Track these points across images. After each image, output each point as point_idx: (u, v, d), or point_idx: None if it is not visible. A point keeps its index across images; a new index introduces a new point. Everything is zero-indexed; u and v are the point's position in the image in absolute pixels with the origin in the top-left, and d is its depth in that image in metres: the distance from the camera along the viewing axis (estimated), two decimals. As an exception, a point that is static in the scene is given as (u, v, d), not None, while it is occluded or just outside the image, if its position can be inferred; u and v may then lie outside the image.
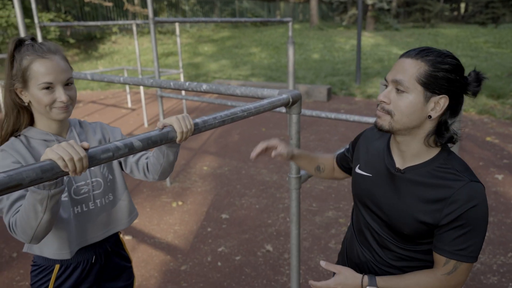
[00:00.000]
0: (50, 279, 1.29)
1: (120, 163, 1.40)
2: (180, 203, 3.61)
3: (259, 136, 5.59)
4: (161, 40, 17.01)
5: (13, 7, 11.47)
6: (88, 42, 15.22)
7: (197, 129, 1.14)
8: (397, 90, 0.99)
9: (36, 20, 4.87)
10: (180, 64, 6.90)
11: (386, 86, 1.05)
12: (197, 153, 4.97)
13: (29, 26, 11.67)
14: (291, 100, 1.49)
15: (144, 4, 17.54)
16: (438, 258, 1.02)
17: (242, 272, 2.61)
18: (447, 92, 0.97)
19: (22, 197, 1.10)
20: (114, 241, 1.43)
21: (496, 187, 3.72)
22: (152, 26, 3.61)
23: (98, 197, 1.31)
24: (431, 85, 0.96)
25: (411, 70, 0.97)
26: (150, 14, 3.61)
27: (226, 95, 1.70)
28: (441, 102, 0.97)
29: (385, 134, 1.17)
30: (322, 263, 1.18)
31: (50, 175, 0.83)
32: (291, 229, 1.69)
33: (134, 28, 6.12)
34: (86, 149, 0.87)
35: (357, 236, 1.23)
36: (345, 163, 1.35)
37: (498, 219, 3.15)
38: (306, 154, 1.39)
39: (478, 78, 0.99)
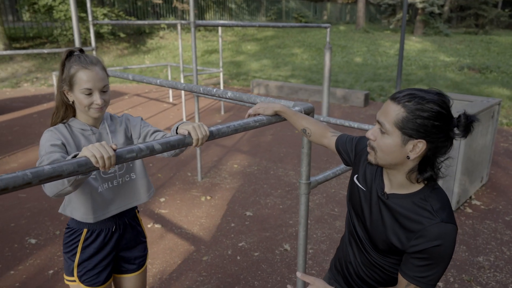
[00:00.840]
0: (79, 240, 1.57)
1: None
2: (208, 197, 3.82)
3: (292, 137, 5.71)
4: (206, 37, 17.44)
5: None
6: (138, 37, 15.88)
7: (211, 136, 1.30)
8: (381, 130, 1.08)
9: (90, 18, 5.26)
10: (221, 64, 7.13)
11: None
12: (230, 150, 5.17)
13: (84, 20, 12.41)
14: (303, 112, 1.62)
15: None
16: (401, 279, 1.13)
17: (259, 267, 2.76)
18: (424, 138, 1.02)
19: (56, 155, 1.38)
20: (132, 216, 1.71)
21: (526, 206, 3.64)
22: (192, 29, 3.83)
23: (121, 176, 1.60)
24: (407, 130, 1.02)
25: (392, 114, 1.04)
26: (191, 18, 3.83)
27: (248, 102, 1.85)
28: (419, 145, 1.03)
29: None
30: (298, 274, 1.35)
31: (84, 169, 1.02)
32: (299, 231, 1.82)
33: (179, 27, 6.41)
34: (114, 150, 1.06)
35: (347, 237, 1.36)
36: (344, 149, 1.40)
37: (522, 238, 3.11)
38: (293, 113, 1.52)
39: (467, 122, 1.02)
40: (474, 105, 3.71)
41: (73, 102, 1.49)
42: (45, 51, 4.86)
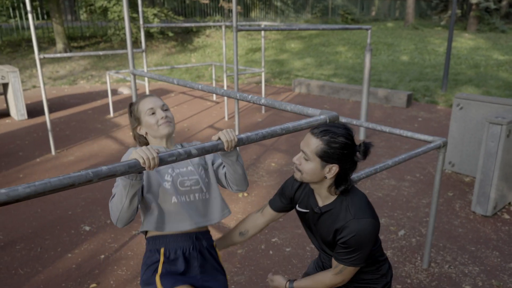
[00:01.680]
0: (159, 260, 1.59)
1: (214, 172, 1.75)
2: (245, 194, 4.02)
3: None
4: (251, 35, 17.69)
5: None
6: (185, 35, 16.42)
7: (241, 142, 1.48)
8: (304, 157, 1.41)
9: (141, 21, 5.62)
10: (263, 63, 7.31)
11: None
12: (268, 149, 5.35)
13: (136, 20, 13.05)
14: (328, 120, 1.76)
15: (238, 0, 18.36)
16: (334, 262, 1.51)
17: (290, 262, 2.93)
18: (337, 162, 1.39)
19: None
20: (210, 244, 1.70)
21: None
22: (234, 33, 4.03)
23: (196, 192, 1.64)
24: (325, 158, 1.39)
25: (312, 145, 1.40)
26: (234, 22, 4.03)
27: (280, 110, 2.01)
28: (333, 168, 1.40)
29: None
30: (270, 275, 1.76)
31: (134, 170, 1.24)
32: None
33: (223, 29, 6.66)
34: (158, 153, 1.27)
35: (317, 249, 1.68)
36: (280, 206, 1.71)
37: (561, 248, 3.05)
38: (224, 236, 1.86)
39: (366, 149, 1.39)
40: (517, 110, 3.64)
41: (145, 134, 1.71)
42: (101, 53, 5.27)
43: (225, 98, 6.80)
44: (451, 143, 4.45)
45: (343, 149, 1.38)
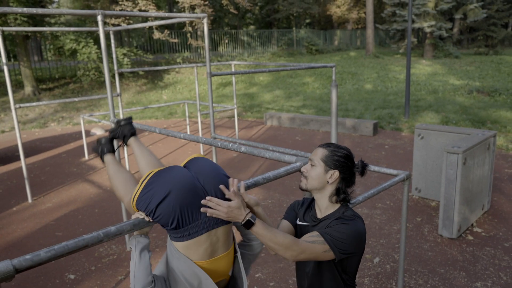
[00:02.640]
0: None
1: None
2: (227, 231, 4.15)
3: (303, 170, 6.03)
4: (220, 69, 18.11)
5: (96, 46, 12.99)
6: (155, 73, 16.63)
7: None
8: (311, 164, 1.64)
9: (115, 67, 5.79)
10: (234, 100, 7.59)
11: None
12: (245, 184, 5.52)
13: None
14: (303, 165, 1.98)
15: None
16: (310, 232, 1.56)
17: (274, 296, 3.06)
18: (338, 169, 1.59)
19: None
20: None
21: (526, 232, 3.86)
22: (209, 79, 4.26)
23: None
24: (328, 163, 1.60)
25: (319, 153, 1.63)
26: (208, 69, 4.27)
27: (259, 156, 2.22)
28: (335, 174, 1.59)
29: (313, 201, 1.76)
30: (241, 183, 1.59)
31: (139, 227, 1.40)
32: (305, 264, 2.15)
33: (195, 70, 6.91)
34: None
35: (302, 270, 1.77)
36: (292, 215, 1.82)
37: (519, 264, 3.33)
38: (264, 218, 1.72)
39: (363, 166, 1.61)
40: (471, 138, 4.00)
41: None
42: (76, 99, 5.38)
43: (200, 134, 6.98)
44: (416, 170, 4.77)
45: (344, 158, 1.59)
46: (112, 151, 2.00)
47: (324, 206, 1.66)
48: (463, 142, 3.83)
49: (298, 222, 1.76)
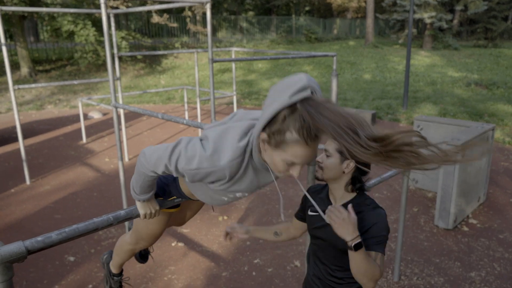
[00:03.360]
0: (166, 198, 1.61)
1: None
2: (225, 217, 4.19)
3: (302, 159, 6.06)
4: (219, 55, 18.00)
5: (94, 29, 12.82)
6: (153, 57, 16.49)
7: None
8: (326, 154, 1.61)
9: (115, 51, 5.74)
10: (234, 87, 7.56)
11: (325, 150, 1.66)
12: (243, 171, 5.55)
13: (103, 42, 13.04)
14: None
15: (205, 23, 18.70)
16: (370, 254, 1.55)
17: (272, 282, 3.11)
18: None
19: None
20: None
21: (520, 225, 3.93)
22: (210, 66, 4.24)
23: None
24: (343, 153, 1.56)
25: (334, 143, 1.58)
26: (210, 55, 4.25)
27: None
28: (351, 164, 1.57)
29: (325, 188, 1.74)
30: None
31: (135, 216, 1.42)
32: (306, 251, 2.18)
33: (195, 55, 6.86)
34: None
35: (310, 258, 1.78)
36: (303, 214, 1.85)
37: (513, 255, 3.40)
38: (260, 228, 1.96)
39: None
40: (470, 131, 4.03)
41: (262, 145, 1.17)
42: (76, 82, 5.33)
43: (199, 119, 6.97)
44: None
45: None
46: None
47: (340, 195, 1.65)
48: (462, 135, 3.86)
49: (309, 213, 1.73)
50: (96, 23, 14.51)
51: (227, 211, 4.33)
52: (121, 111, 6.35)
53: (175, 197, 1.62)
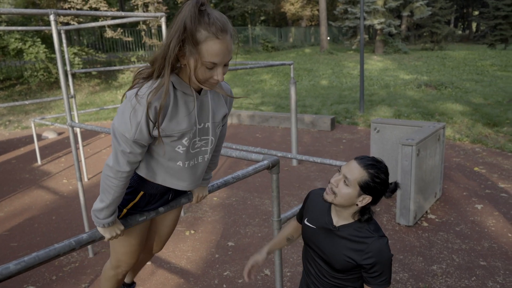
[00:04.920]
0: (134, 199, 1.56)
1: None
2: (192, 231, 4.13)
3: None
4: (177, 68, 17.85)
5: (44, 46, 12.36)
6: (109, 72, 16.11)
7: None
8: (345, 181, 1.52)
9: (68, 68, 5.57)
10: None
11: (339, 171, 1.58)
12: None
13: (54, 59, 12.58)
14: (270, 165, 2.02)
15: (161, 36, 18.51)
16: None
17: (244, 293, 3.10)
18: (371, 194, 1.50)
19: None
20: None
21: (474, 216, 4.15)
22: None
23: (203, 154, 1.51)
24: (364, 189, 1.49)
25: (357, 174, 1.49)
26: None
27: (226, 156, 2.23)
28: (366, 199, 1.51)
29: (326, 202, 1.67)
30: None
31: (98, 239, 1.38)
32: (275, 259, 2.20)
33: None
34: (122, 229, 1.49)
35: (306, 269, 1.73)
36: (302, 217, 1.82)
37: (470, 246, 3.58)
38: (275, 242, 1.88)
39: (395, 188, 1.53)
40: (423, 131, 4.23)
41: (183, 65, 1.29)
42: (27, 102, 5.12)
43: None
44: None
45: (382, 185, 1.49)
46: None
47: (344, 218, 1.59)
48: (416, 135, 4.04)
49: (306, 223, 1.68)
50: (46, 39, 14.02)
51: (194, 225, 4.28)
52: (78, 130, 6.14)
53: (136, 199, 1.57)
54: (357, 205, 1.51)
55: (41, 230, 4.34)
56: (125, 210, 1.58)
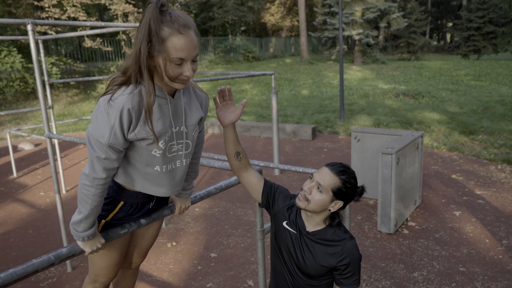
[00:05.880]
0: (113, 209, 1.55)
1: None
2: (174, 243, 4.08)
3: (248, 176, 6.10)
4: (157, 78, 17.74)
5: (20, 55, 12.13)
6: (87, 82, 15.88)
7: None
8: (318, 188, 1.55)
9: (46, 78, 5.47)
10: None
11: (311, 178, 1.59)
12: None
13: (31, 69, 12.32)
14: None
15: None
16: None
17: (227, 304, 3.06)
18: (343, 199, 1.57)
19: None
20: (166, 202, 1.73)
21: (453, 223, 4.23)
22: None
23: (181, 158, 1.52)
24: (337, 194, 1.55)
25: (330, 181, 1.54)
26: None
27: (208, 166, 2.22)
28: (338, 204, 1.57)
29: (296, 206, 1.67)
30: None
31: (78, 253, 1.36)
32: (258, 270, 2.19)
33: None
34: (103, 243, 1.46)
35: (277, 274, 1.73)
36: (267, 193, 1.73)
37: (449, 253, 3.64)
38: (235, 136, 1.67)
39: (362, 192, 1.62)
40: (402, 139, 4.31)
41: (153, 67, 1.32)
42: (2, 113, 4.99)
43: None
44: (354, 171, 5.02)
45: (352, 190, 1.56)
46: None
47: (315, 223, 1.62)
48: (396, 143, 4.11)
49: (285, 226, 1.68)
50: (23, 49, 13.74)
51: (176, 237, 4.22)
52: (56, 141, 6.01)
53: (117, 208, 1.55)
54: (329, 210, 1.57)
55: (17, 245, 4.20)
56: (103, 222, 1.55)
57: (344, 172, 1.55)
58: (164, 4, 1.27)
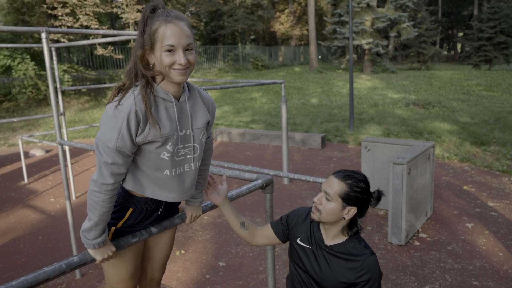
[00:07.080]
0: (123, 216, 1.56)
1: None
2: (183, 251, 4.06)
3: (256, 185, 6.07)
4: (167, 86, 17.88)
5: (33, 63, 12.32)
6: (98, 89, 16.06)
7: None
8: (326, 197, 1.54)
9: (58, 85, 5.54)
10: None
11: (320, 189, 1.59)
12: (199, 202, 5.45)
13: (44, 76, 12.49)
14: (264, 184, 2.01)
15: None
16: None
17: (235, 315, 3.03)
18: (355, 205, 1.52)
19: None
20: (176, 208, 1.75)
21: (465, 235, 4.16)
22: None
23: (189, 162, 1.53)
24: (346, 200, 1.51)
25: (336, 187, 1.53)
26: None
27: (219, 175, 2.22)
28: (352, 210, 1.52)
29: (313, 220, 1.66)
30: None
31: (89, 261, 1.36)
32: (268, 280, 2.16)
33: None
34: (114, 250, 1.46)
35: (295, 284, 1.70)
36: (280, 230, 1.76)
37: (462, 266, 3.57)
38: (233, 209, 1.79)
39: (379, 196, 1.55)
40: (413, 149, 4.26)
41: (153, 66, 1.38)
42: (15, 119, 5.05)
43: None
44: (365, 175, 4.98)
45: (362, 193, 1.52)
46: None
47: (333, 235, 1.59)
48: (407, 153, 4.07)
49: (299, 242, 1.66)
50: (36, 56, 13.96)
51: (184, 245, 4.21)
52: (67, 148, 6.07)
53: (131, 211, 1.55)
54: (344, 218, 1.53)
55: (27, 251, 4.22)
56: (113, 229, 1.55)
57: (350, 176, 1.54)
58: (157, 7, 1.36)
